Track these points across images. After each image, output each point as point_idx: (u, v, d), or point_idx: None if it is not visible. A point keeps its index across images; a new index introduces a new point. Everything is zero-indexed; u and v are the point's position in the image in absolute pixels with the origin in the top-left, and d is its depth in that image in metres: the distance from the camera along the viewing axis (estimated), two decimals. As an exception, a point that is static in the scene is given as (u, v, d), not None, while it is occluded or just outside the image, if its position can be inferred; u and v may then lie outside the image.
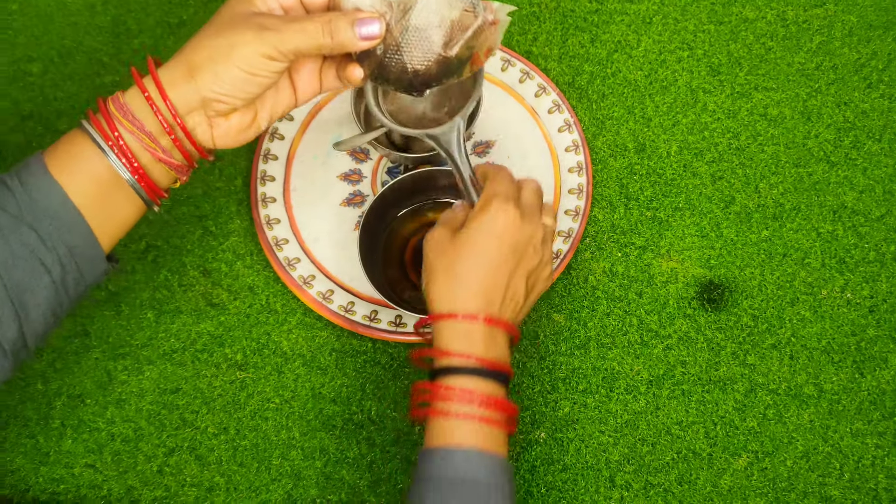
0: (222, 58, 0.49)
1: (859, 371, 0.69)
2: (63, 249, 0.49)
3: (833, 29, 0.81)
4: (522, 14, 0.81)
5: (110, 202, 0.51)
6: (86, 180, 0.50)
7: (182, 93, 0.50)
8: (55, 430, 0.66)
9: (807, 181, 0.75)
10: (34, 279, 0.48)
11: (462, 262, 0.56)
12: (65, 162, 0.49)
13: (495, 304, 0.56)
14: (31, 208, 0.48)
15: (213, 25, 0.50)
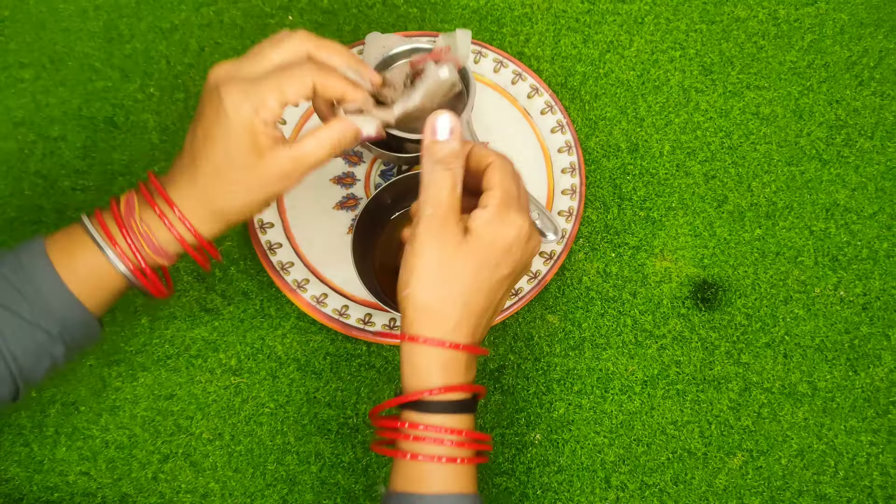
0: (258, 208, 0.53)
1: (853, 368, 0.70)
2: (70, 340, 0.53)
3: (824, 27, 0.81)
4: (515, 15, 0.81)
5: (116, 297, 0.54)
6: (100, 290, 0.52)
7: (212, 228, 0.53)
8: (49, 437, 0.66)
9: (799, 179, 0.76)
10: (40, 364, 0.52)
11: (465, 277, 0.50)
12: (80, 272, 0.52)
13: (483, 326, 0.52)
14: (45, 315, 0.51)
15: (230, 176, 0.51)
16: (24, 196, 0.73)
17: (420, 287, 0.50)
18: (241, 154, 0.50)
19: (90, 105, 0.76)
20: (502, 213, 0.50)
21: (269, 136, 0.50)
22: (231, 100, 0.49)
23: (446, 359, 0.50)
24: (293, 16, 0.81)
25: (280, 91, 0.50)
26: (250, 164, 0.50)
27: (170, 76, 0.78)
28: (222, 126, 0.50)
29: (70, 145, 0.75)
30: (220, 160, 0.50)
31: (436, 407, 0.50)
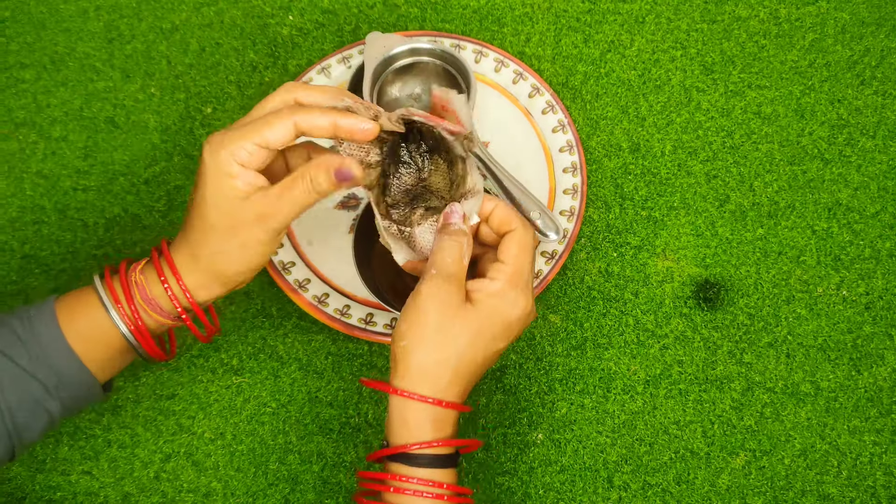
0: (241, 262, 0.52)
1: (856, 368, 0.69)
2: (67, 398, 0.53)
3: (826, 26, 0.81)
4: (515, 15, 0.81)
5: (117, 357, 0.54)
6: (98, 345, 0.53)
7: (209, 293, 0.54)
8: (51, 437, 0.65)
9: (801, 179, 0.75)
10: (35, 420, 0.52)
11: (461, 343, 0.51)
12: (79, 325, 0.52)
13: (470, 388, 0.53)
14: (42, 366, 0.51)
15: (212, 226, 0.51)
16: (25, 196, 0.73)
17: (418, 346, 0.51)
18: (222, 202, 0.50)
19: (91, 105, 0.76)
20: (509, 290, 0.52)
21: (247, 182, 0.50)
22: (209, 150, 0.51)
23: (435, 415, 0.51)
24: (293, 16, 0.81)
25: (258, 133, 0.50)
26: (232, 210, 0.50)
27: (170, 76, 0.78)
28: (205, 179, 0.51)
29: (71, 145, 0.75)
30: (207, 217, 0.51)
31: (422, 461, 0.51)
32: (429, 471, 0.51)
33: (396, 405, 0.52)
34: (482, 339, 0.52)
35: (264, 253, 0.52)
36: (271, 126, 0.50)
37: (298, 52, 0.79)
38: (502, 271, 0.52)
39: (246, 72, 0.78)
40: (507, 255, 0.53)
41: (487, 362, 0.53)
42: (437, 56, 0.72)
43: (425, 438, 0.51)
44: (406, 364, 0.51)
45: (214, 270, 0.52)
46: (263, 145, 0.50)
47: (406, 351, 0.51)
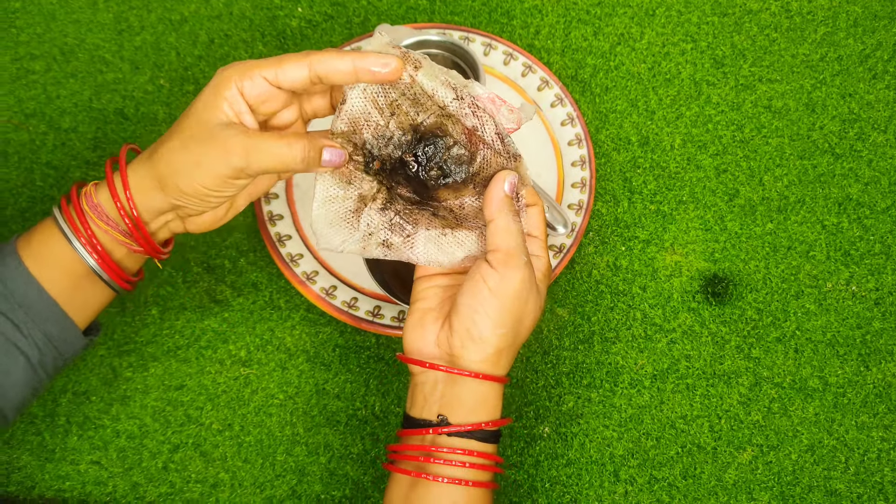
0: (186, 175, 0.49)
1: (864, 364, 0.69)
2: (39, 335, 0.51)
3: (838, 20, 0.80)
4: (525, 7, 0.81)
5: (84, 289, 0.52)
6: (59, 271, 0.51)
7: (151, 198, 0.51)
8: (61, 427, 0.66)
9: (811, 173, 0.75)
10: (10, 362, 0.50)
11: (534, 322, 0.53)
12: (39, 254, 0.51)
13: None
14: (6, 298, 0.50)
15: (181, 133, 0.49)
16: (35, 187, 0.73)
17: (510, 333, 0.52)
18: (202, 116, 0.49)
19: (101, 97, 0.77)
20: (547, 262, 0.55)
21: (236, 110, 0.49)
22: (219, 71, 0.49)
23: (501, 393, 0.53)
24: (302, 8, 0.81)
25: (269, 67, 0.48)
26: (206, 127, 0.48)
27: (179, 68, 0.78)
28: (200, 93, 0.49)
29: (81, 136, 0.75)
30: (181, 123, 0.50)
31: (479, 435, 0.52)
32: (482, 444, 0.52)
33: (477, 388, 0.52)
34: (541, 313, 0.54)
35: (212, 186, 0.49)
36: (282, 63, 0.49)
37: (307, 44, 0.79)
38: (542, 247, 0.54)
39: (255, 64, 0.78)
40: (538, 230, 0.54)
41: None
42: (445, 48, 0.72)
43: (496, 416, 0.52)
44: (500, 351, 0.52)
45: (159, 172, 0.49)
46: (273, 81, 0.49)
47: (505, 339, 0.51)
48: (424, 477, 0.50)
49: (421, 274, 0.56)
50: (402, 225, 0.54)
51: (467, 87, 0.51)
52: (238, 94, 0.49)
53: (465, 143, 0.53)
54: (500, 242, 0.51)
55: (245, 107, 0.49)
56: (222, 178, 0.49)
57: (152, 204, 0.51)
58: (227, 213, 0.55)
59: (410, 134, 0.52)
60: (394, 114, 0.52)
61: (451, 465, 0.50)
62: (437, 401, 0.52)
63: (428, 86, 0.51)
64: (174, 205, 0.51)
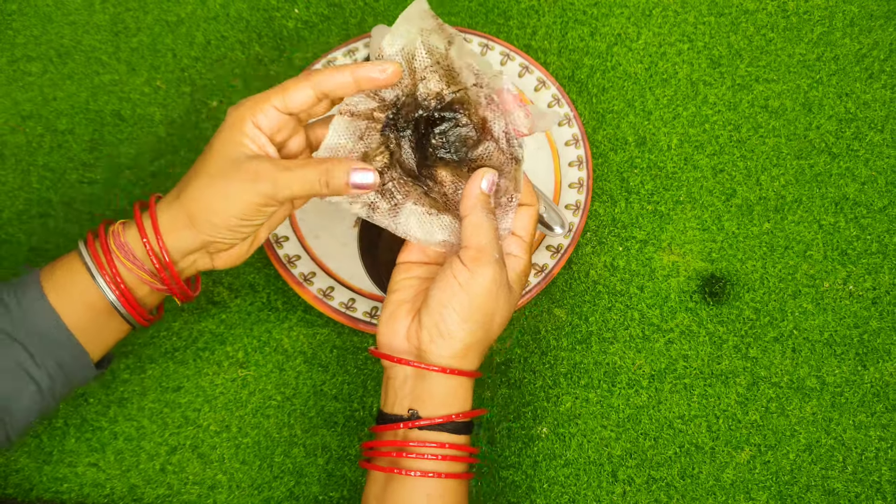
0: (217, 208, 0.50)
1: (862, 363, 0.69)
2: (52, 364, 0.52)
3: (834, 19, 0.81)
4: (521, 7, 0.81)
5: (103, 324, 0.53)
6: (80, 306, 0.52)
7: (181, 238, 0.52)
8: (58, 429, 0.66)
9: (808, 173, 0.75)
10: (21, 389, 0.51)
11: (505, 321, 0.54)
12: (62, 286, 0.52)
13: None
14: (23, 327, 0.51)
15: (206, 172, 0.51)
16: (32, 189, 0.73)
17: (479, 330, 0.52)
18: (226, 153, 0.50)
19: (97, 98, 0.77)
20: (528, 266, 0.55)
21: (258, 143, 0.50)
22: (232, 109, 0.51)
23: (471, 386, 0.54)
24: (299, 9, 0.81)
25: (277, 96, 0.50)
26: (232, 162, 0.50)
27: (176, 69, 0.78)
28: (217, 134, 0.51)
29: (78, 138, 0.75)
30: (206, 163, 0.51)
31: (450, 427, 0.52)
32: (454, 436, 0.52)
33: (446, 382, 0.52)
34: (511, 313, 0.54)
35: (242, 216, 0.51)
36: (287, 90, 0.50)
37: (304, 45, 0.79)
38: (524, 248, 0.54)
39: (251, 65, 0.78)
40: (524, 231, 0.54)
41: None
42: (442, 49, 0.72)
43: (466, 408, 0.53)
44: (469, 347, 0.52)
45: (189, 210, 0.51)
46: (283, 109, 0.51)
47: (474, 335, 0.52)
48: (397, 472, 0.50)
49: (402, 260, 0.56)
50: (393, 193, 0.53)
51: (492, 78, 0.52)
52: (256, 128, 0.51)
53: (477, 127, 0.53)
54: (471, 239, 0.51)
55: (265, 139, 0.51)
56: (253, 206, 0.50)
57: (182, 244, 0.52)
58: (250, 247, 0.56)
59: (434, 101, 0.53)
60: (424, 79, 0.53)
61: (424, 458, 0.51)
62: (408, 395, 0.52)
63: (456, 63, 0.53)
64: (205, 241, 0.52)
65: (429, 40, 0.53)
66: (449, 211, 0.54)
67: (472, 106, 0.53)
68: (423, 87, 0.53)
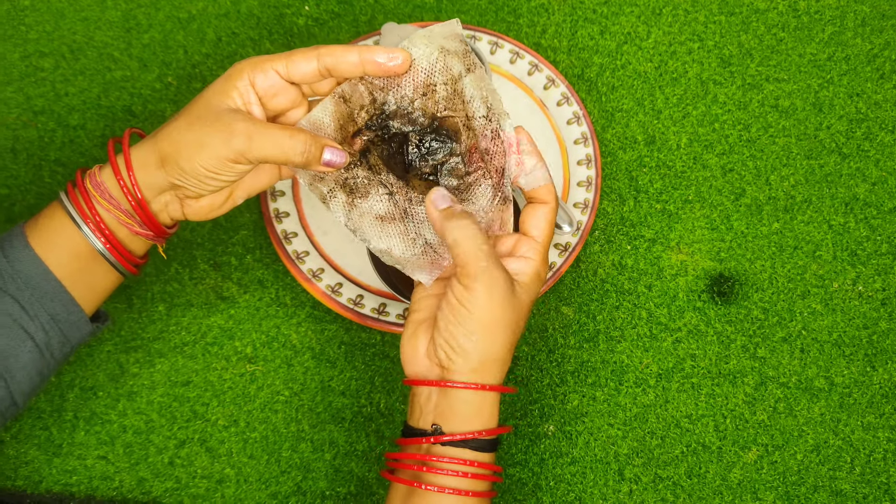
0: (187, 154, 0.50)
1: (871, 364, 0.69)
2: (45, 316, 0.51)
3: (845, 19, 0.80)
4: (531, 6, 0.81)
5: (90, 272, 0.53)
6: (65, 253, 0.52)
7: (152, 176, 0.51)
8: (68, 422, 0.66)
9: (818, 173, 0.75)
10: (17, 344, 0.51)
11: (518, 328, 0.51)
12: (45, 235, 0.52)
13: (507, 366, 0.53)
14: (13, 279, 0.50)
15: (188, 115, 0.50)
16: (43, 183, 0.74)
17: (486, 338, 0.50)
18: (211, 101, 0.50)
19: (109, 94, 0.77)
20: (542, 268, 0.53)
21: (244, 99, 0.50)
22: (235, 64, 0.51)
23: (496, 400, 0.52)
24: (309, 6, 0.81)
25: (280, 60, 0.50)
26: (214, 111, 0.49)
27: (187, 66, 0.78)
28: (214, 81, 0.51)
29: (89, 133, 0.76)
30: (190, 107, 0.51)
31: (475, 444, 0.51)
32: (478, 454, 0.51)
33: (469, 398, 0.51)
34: (525, 319, 0.52)
35: (211, 167, 0.50)
36: (293, 57, 0.50)
37: (314, 41, 0.79)
38: (536, 250, 0.52)
39: (262, 62, 0.79)
40: (539, 231, 0.53)
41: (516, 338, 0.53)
42: (452, 47, 0.72)
43: (492, 425, 0.52)
44: (485, 360, 0.50)
45: (162, 149, 0.50)
46: (284, 75, 0.50)
47: (477, 345, 0.50)
48: (419, 486, 0.50)
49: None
50: (354, 189, 0.53)
51: (500, 116, 0.52)
52: (249, 84, 0.50)
53: (465, 159, 0.53)
54: (456, 258, 0.50)
55: (255, 98, 0.51)
56: (222, 160, 0.49)
57: (153, 181, 0.51)
58: (224, 203, 0.55)
59: (427, 120, 0.53)
60: (425, 94, 0.53)
61: (446, 474, 0.50)
62: (432, 411, 0.52)
63: (468, 91, 0.52)
64: (172, 185, 0.51)
65: (445, 59, 0.52)
66: (404, 222, 0.54)
67: (472, 136, 0.52)
68: (421, 102, 0.53)
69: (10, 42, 0.79)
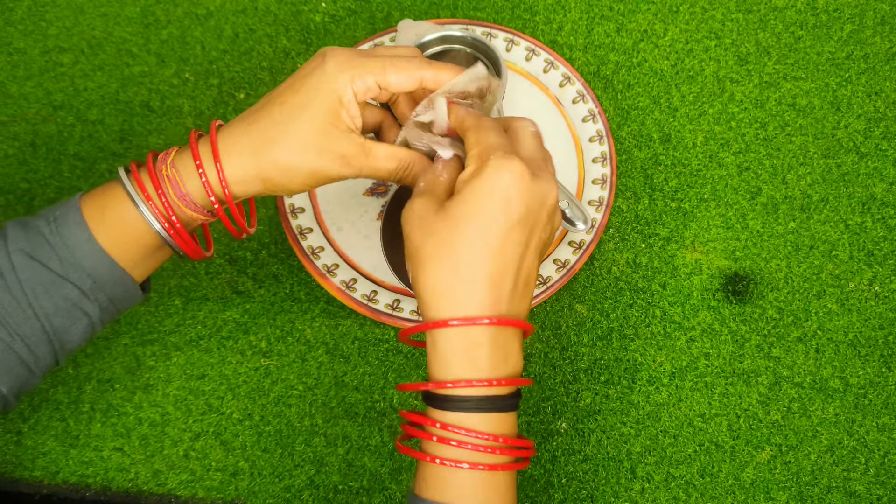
0: (298, 179, 0.50)
1: (886, 365, 0.68)
2: (104, 298, 0.51)
3: (864, 17, 0.80)
4: (548, 3, 0.80)
5: (152, 256, 0.52)
6: (131, 244, 0.50)
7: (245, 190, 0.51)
8: (85, 413, 0.67)
9: (835, 172, 0.74)
10: (73, 322, 0.51)
11: (459, 241, 0.44)
12: (109, 225, 0.50)
13: (505, 295, 0.45)
14: (74, 268, 0.49)
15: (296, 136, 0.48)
16: (63, 178, 0.74)
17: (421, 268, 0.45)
18: (316, 113, 0.48)
19: (127, 89, 0.78)
20: (483, 166, 0.45)
21: (350, 114, 0.49)
22: (335, 61, 0.49)
23: (467, 342, 0.44)
24: (326, 3, 0.81)
25: (384, 71, 0.49)
26: (320, 127, 0.48)
27: (205, 62, 0.79)
28: (314, 80, 0.48)
29: (108, 129, 0.76)
30: (293, 111, 0.48)
31: (463, 404, 0.44)
32: (466, 415, 0.44)
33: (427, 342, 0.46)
34: (482, 228, 0.44)
35: (319, 184, 0.51)
36: (399, 70, 0.49)
37: (331, 38, 0.80)
38: (471, 155, 0.47)
39: (279, 58, 0.79)
40: (469, 144, 0.48)
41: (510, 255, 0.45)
42: (468, 44, 0.72)
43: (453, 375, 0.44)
44: (419, 294, 0.46)
45: (264, 171, 0.49)
46: (383, 85, 0.49)
47: (414, 283, 0.46)
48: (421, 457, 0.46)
49: None
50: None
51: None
52: (353, 98, 0.49)
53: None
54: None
55: (358, 111, 0.50)
56: (329, 181, 0.51)
57: (245, 194, 0.51)
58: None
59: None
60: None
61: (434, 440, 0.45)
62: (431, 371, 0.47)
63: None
64: (265, 193, 0.52)
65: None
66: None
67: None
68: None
69: (30, 37, 0.79)
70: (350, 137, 0.49)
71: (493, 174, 0.44)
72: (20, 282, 0.48)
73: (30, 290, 0.49)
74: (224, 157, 0.49)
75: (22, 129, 0.76)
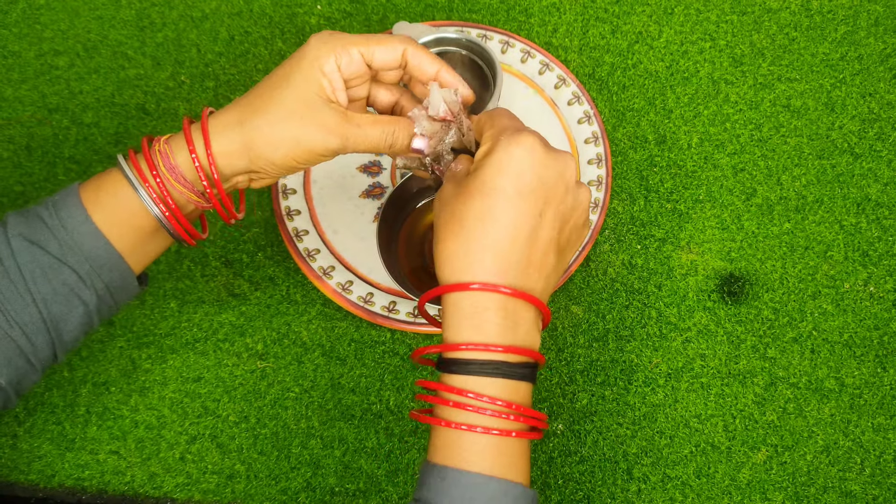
0: (283, 149, 0.50)
1: (881, 365, 0.69)
2: (101, 286, 0.51)
3: (858, 19, 0.80)
4: (543, 5, 0.81)
5: (149, 241, 0.53)
6: (127, 227, 0.51)
7: (232, 164, 0.51)
8: (81, 416, 0.67)
9: (830, 173, 0.75)
10: (71, 310, 0.51)
11: (467, 211, 0.45)
12: (106, 207, 0.50)
13: (518, 267, 0.45)
14: (72, 251, 0.50)
15: (278, 107, 0.50)
16: (58, 181, 0.74)
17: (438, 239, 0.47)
18: (300, 84, 0.49)
19: (122, 92, 0.78)
20: (496, 145, 0.47)
21: (333, 85, 0.50)
22: (316, 40, 0.50)
23: (477, 307, 0.45)
24: (322, 5, 0.81)
25: (367, 44, 0.50)
26: (310, 103, 0.49)
27: (200, 64, 0.79)
28: (298, 54, 0.50)
29: (103, 132, 0.76)
30: (278, 82, 0.50)
31: (473, 368, 0.45)
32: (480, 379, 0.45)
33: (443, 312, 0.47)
34: (489, 198, 0.45)
35: (303, 160, 0.51)
36: (381, 43, 0.51)
37: (326, 41, 0.80)
38: (485, 137, 0.49)
39: (274, 60, 0.79)
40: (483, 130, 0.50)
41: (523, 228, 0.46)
42: (463, 46, 0.73)
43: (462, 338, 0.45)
44: (437, 263, 0.47)
45: (251, 142, 0.50)
46: (368, 59, 0.51)
47: (435, 255, 0.47)
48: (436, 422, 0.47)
49: None
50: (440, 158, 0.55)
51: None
52: (336, 69, 0.50)
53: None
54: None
55: (341, 83, 0.51)
56: (316, 155, 0.51)
57: (232, 169, 0.51)
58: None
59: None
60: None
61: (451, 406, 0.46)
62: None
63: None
64: (252, 170, 0.52)
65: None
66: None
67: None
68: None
69: (25, 40, 0.79)
70: (332, 106, 0.50)
71: (505, 149, 0.46)
72: (19, 266, 0.49)
73: (28, 275, 0.49)
74: (212, 132, 0.50)
75: (17, 132, 0.76)
